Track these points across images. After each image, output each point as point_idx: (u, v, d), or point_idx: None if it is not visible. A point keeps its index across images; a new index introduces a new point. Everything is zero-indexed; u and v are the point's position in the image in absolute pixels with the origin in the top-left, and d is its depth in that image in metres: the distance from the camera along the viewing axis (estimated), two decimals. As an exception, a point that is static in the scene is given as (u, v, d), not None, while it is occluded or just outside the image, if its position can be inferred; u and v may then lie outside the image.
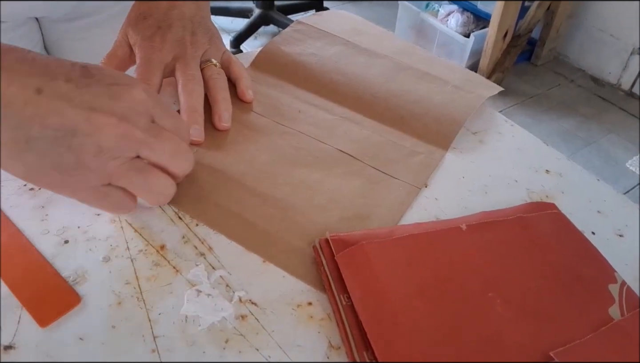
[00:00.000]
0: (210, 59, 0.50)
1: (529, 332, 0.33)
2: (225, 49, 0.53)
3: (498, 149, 0.49)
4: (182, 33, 0.49)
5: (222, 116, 0.46)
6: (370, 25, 0.62)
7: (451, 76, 0.55)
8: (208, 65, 0.49)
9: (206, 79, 0.48)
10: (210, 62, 0.50)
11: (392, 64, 0.55)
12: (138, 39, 0.49)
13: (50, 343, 0.31)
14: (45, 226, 0.37)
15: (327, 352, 0.32)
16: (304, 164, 0.44)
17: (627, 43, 2.12)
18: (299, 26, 0.59)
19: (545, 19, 2.19)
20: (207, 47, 0.50)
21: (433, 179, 0.45)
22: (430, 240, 0.37)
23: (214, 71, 0.49)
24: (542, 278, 0.36)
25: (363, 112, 0.50)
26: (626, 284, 0.37)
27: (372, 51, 0.57)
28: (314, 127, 0.48)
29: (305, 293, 0.35)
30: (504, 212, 0.41)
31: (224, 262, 0.36)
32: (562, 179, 0.47)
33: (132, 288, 0.34)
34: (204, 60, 0.50)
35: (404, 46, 0.59)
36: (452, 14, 2.16)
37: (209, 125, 0.46)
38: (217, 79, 0.48)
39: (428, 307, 0.33)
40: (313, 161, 0.45)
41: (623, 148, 1.93)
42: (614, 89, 2.22)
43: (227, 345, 0.32)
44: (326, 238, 0.37)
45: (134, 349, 0.31)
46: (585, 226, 0.41)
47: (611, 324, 0.34)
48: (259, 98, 0.51)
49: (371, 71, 0.54)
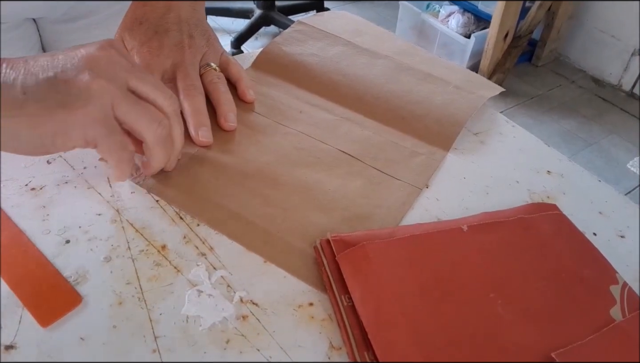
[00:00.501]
0: (209, 63, 0.50)
1: (530, 332, 0.33)
2: (223, 50, 0.53)
3: (499, 150, 0.49)
4: (179, 37, 0.49)
5: (227, 116, 0.47)
6: (371, 26, 0.62)
7: (452, 76, 0.55)
8: (207, 70, 0.49)
9: (206, 84, 0.48)
10: (209, 66, 0.49)
11: (394, 65, 0.55)
12: (135, 45, 0.48)
13: (51, 343, 0.31)
14: (47, 226, 0.37)
15: (328, 353, 0.32)
16: (305, 165, 0.44)
17: (628, 44, 2.12)
18: (300, 27, 0.59)
19: (546, 19, 2.19)
20: (205, 49, 0.50)
21: (434, 179, 0.45)
22: (431, 241, 0.37)
23: (214, 75, 0.49)
24: (543, 279, 0.36)
25: (364, 112, 0.50)
26: (627, 285, 0.37)
27: (373, 52, 0.57)
28: (314, 128, 0.48)
29: (306, 293, 0.35)
30: (505, 213, 0.41)
31: (225, 262, 0.36)
32: (563, 180, 0.47)
33: (133, 288, 0.34)
34: (203, 64, 0.49)
35: (405, 47, 0.59)
36: (453, 15, 2.16)
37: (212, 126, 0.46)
38: (217, 82, 0.49)
39: (429, 308, 0.33)
40: (314, 161, 0.45)
41: (624, 148, 1.93)
42: (615, 90, 2.22)
43: (228, 345, 0.32)
44: (327, 239, 0.37)
45: (135, 349, 0.31)
46: (586, 227, 0.41)
47: (612, 325, 0.34)
48: (260, 98, 0.51)
49: (372, 72, 0.54)
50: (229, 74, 0.51)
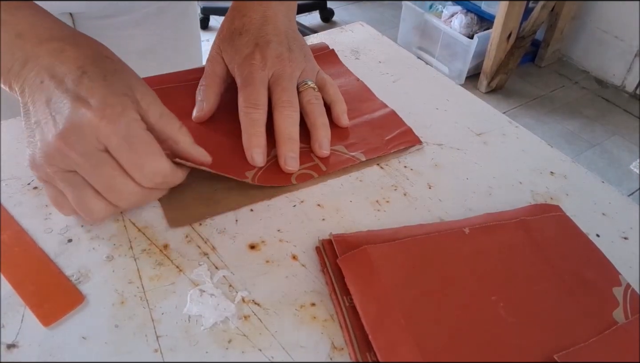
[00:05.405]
0: (307, 81, 0.47)
1: (533, 335, 0.33)
2: (319, 68, 0.51)
3: (502, 150, 0.49)
4: (279, 49, 0.47)
5: (322, 143, 0.45)
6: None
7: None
8: (306, 88, 0.47)
9: (304, 104, 0.46)
10: (307, 84, 0.47)
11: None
12: (237, 58, 0.47)
13: (53, 342, 0.31)
14: (49, 225, 0.37)
15: (330, 353, 0.32)
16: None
17: (632, 45, 2.11)
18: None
19: (549, 20, 2.18)
20: (303, 65, 0.48)
21: (437, 180, 0.45)
22: (432, 244, 0.37)
23: (312, 96, 0.47)
24: (546, 281, 0.36)
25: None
26: (630, 287, 0.37)
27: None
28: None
29: (308, 293, 0.35)
30: (508, 214, 0.41)
31: (227, 262, 0.36)
32: (566, 181, 0.46)
33: (135, 288, 0.34)
34: (301, 81, 0.47)
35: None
36: (456, 15, 2.16)
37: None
38: (316, 104, 0.46)
39: (430, 311, 0.33)
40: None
41: (627, 149, 1.93)
42: (618, 91, 2.21)
43: (229, 345, 0.32)
44: (329, 239, 0.37)
45: (137, 349, 0.31)
46: (589, 229, 0.41)
47: (615, 327, 0.34)
48: None
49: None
50: (325, 95, 0.49)
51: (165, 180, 0.36)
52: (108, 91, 0.34)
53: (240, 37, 0.48)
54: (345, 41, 0.63)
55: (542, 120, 2.04)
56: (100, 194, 0.35)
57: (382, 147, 0.47)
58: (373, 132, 0.48)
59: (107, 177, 0.34)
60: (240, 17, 0.49)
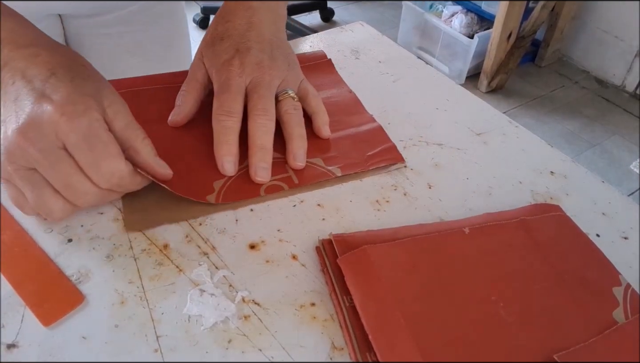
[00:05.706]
0: (287, 90, 0.46)
1: (532, 335, 0.33)
2: (303, 78, 0.49)
3: (502, 150, 0.49)
4: (260, 56, 0.46)
5: (297, 154, 0.43)
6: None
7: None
8: (285, 97, 0.45)
9: (281, 113, 0.44)
10: (287, 93, 0.45)
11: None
12: (215, 62, 0.46)
13: (53, 342, 0.31)
14: (49, 225, 0.37)
15: (330, 353, 0.32)
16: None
17: (632, 45, 2.11)
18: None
19: (550, 20, 2.18)
20: (285, 73, 0.47)
21: (437, 180, 0.45)
22: (432, 244, 0.37)
23: (291, 105, 0.45)
24: (546, 281, 0.36)
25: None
26: (630, 287, 0.37)
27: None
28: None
29: (308, 293, 0.35)
30: (508, 214, 0.41)
31: (227, 262, 0.36)
32: (566, 181, 0.46)
33: (135, 287, 0.34)
34: (281, 90, 0.46)
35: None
36: (456, 15, 2.16)
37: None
38: (293, 114, 0.45)
39: (430, 310, 0.33)
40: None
41: (627, 149, 1.93)
42: (618, 91, 2.21)
43: (230, 345, 0.32)
44: (329, 239, 0.37)
45: (137, 348, 0.31)
46: (589, 228, 0.41)
47: (615, 327, 0.34)
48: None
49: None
50: (306, 105, 0.47)
51: (122, 183, 0.36)
52: (73, 90, 0.34)
53: (222, 42, 0.46)
54: (345, 41, 0.63)
55: (542, 120, 2.04)
56: (59, 193, 0.35)
57: (361, 163, 0.45)
58: (355, 146, 0.47)
59: (64, 175, 0.34)
60: (223, 23, 0.48)
